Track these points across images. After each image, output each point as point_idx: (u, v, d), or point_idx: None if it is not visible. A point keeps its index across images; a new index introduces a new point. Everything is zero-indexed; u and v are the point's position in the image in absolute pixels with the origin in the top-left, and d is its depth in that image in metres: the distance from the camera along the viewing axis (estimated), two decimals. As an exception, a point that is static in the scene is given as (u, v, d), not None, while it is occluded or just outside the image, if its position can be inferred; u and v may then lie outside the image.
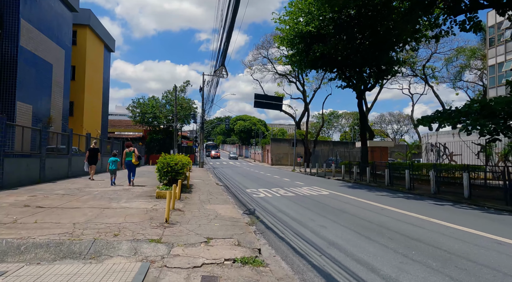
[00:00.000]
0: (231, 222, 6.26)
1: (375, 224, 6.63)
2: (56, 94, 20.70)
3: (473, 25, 14.46)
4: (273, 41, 37.92)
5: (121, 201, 7.99)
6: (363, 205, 9.28)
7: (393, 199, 10.99)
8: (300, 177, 21.59)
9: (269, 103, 30.82)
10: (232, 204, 8.75)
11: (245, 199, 10.38)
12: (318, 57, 20.85)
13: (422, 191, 13.42)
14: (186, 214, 6.87)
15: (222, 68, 7.65)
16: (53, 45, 20.13)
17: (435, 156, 27.82)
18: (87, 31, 26.06)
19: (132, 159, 11.42)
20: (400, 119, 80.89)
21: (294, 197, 10.94)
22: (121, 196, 8.96)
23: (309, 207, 8.67)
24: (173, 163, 10.02)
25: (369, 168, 18.01)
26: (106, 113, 32.02)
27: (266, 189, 13.43)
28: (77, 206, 7.06)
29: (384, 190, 14.19)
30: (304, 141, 39.20)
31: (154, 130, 42.80)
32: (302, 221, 6.86)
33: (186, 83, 45.10)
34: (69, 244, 4.27)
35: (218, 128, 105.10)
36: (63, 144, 14.72)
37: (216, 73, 7.84)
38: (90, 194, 8.96)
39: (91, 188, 10.37)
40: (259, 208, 8.74)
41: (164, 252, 4.24)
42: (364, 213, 7.84)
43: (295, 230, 6.15)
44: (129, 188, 10.86)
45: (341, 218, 7.17)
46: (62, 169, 13.50)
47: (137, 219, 6.04)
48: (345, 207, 8.86)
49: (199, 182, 15.21)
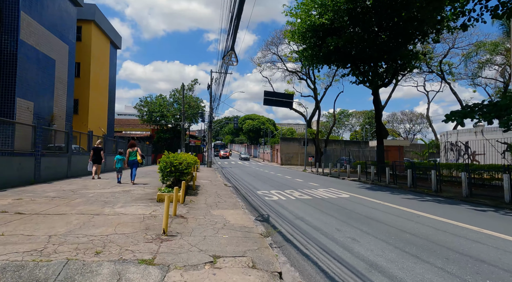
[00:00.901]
0: (242, 233, 5.21)
1: (418, 236, 5.47)
2: (59, 91, 19.98)
3: (506, 11, 13.06)
4: (283, 37, 36.79)
5: (117, 205, 7.01)
6: (393, 210, 8.11)
7: (423, 203, 9.77)
8: (313, 178, 20.42)
9: (279, 101, 29.65)
10: (243, 209, 7.70)
11: (256, 203, 9.31)
12: (332, 51, 19.67)
13: (451, 193, 12.14)
14: (189, 221, 5.84)
15: (231, 54, 6.69)
16: (56, 40, 19.41)
17: (455, 156, 26.29)
18: (92, 27, 25.36)
19: (136, 157, 11.65)
20: (412, 118, 78.71)
21: (311, 200, 9.83)
22: (118, 199, 7.99)
23: (331, 213, 7.55)
24: (177, 162, 9.03)
25: (388, 168, 16.74)
26: (113, 111, 31.36)
27: (278, 190, 12.34)
28: (64, 211, 6.10)
29: (408, 192, 12.95)
30: (315, 140, 37.91)
31: (162, 129, 42.13)
32: (327, 232, 5.75)
33: (194, 82, 44.34)
34: (32, 268, 3.26)
35: (226, 128, 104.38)
36: (66, 142, 13.90)
37: (225, 60, 6.90)
38: (84, 197, 8.01)
39: (87, 190, 9.45)
40: (273, 213, 7.67)
41: (156, 279, 3.21)
42: (399, 221, 6.68)
43: (321, 243, 5.06)
44: (129, 190, 9.91)
45: (373, 228, 6.03)
46: (61, 169, 12.66)
47: (130, 229, 5.03)
48: (373, 213, 7.70)
49: (206, 182, 14.22)
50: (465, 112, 12.00)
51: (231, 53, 6.71)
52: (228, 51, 6.65)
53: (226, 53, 6.83)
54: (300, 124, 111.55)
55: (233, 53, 6.72)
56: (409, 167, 14.64)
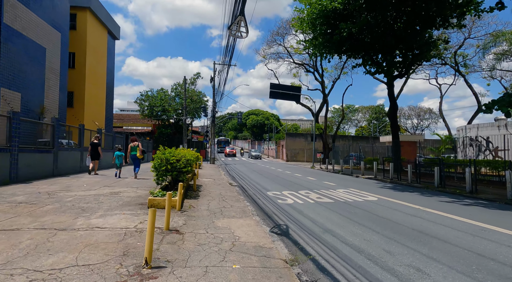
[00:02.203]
0: (259, 258, 3.70)
1: (508, 265, 3.92)
2: (51, 82, 18.52)
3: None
4: (289, 26, 35.02)
5: (95, 214, 5.52)
6: (444, 220, 6.52)
7: (470, 208, 8.19)
8: (325, 175, 18.86)
9: (286, 94, 28.02)
10: (254, 217, 6.19)
11: (268, 208, 7.79)
12: (345, 38, 18.00)
13: (491, 195, 10.54)
14: (186, 240, 4.33)
15: (240, 20, 5.11)
16: (47, 27, 17.89)
17: (475, 151, 24.59)
18: (88, 15, 23.77)
19: (136, 153, 11.83)
20: (420, 113, 76.56)
21: (333, 204, 8.28)
22: (101, 204, 6.50)
23: (366, 223, 6.00)
24: (174, 159, 7.53)
25: (410, 165, 15.14)
26: (111, 105, 29.87)
27: (291, 191, 10.81)
28: (19, 225, 4.61)
29: (439, 193, 11.35)
30: (322, 135, 36.25)
31: (164, 124, 40.68)
32: (374, 256, 4.21)
33: (197, 76, 42.79)
34: None
35: (229, 123, 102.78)
36: (61, 137, 12.44)
37: (232, 30, 5.34)
38: (58, 202, 6.53)
39: (68, 192, 7.98)
40: (292, 223, 6.14)
41: None
42: (464, 239, 5.09)
43: (374, 278, 3.51)
44: (119, 192, 8.43)
45: (436, 250, 4.45)
46: (45, 166, 11.20)
47: (101, 255, 3.53)
48: (420, 224, 6.14)
49: (209, 181, 12.73)
50: (509, 101, 10.37)
51: (240, 20, 5.11)
52: (237, 17, 5.06)
53: (234, 21, 5.22)
54: (304, 120, 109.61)
55: (243, 20, 5.13)
56: (438, 163, 13.02)
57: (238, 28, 5.47)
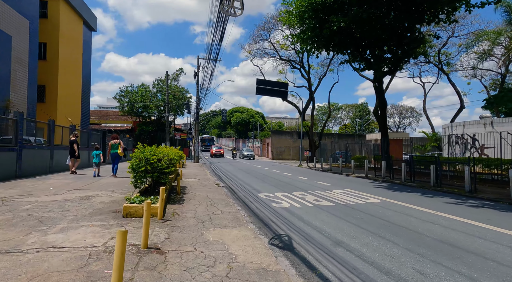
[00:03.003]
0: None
1: None
2: (18, 74, 16.87)
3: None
4: (276, 22, 34.17)
5: (55, 228, 4.46)
6: (468, 228, 5.80)
7: (482, 211, 7.61)
8: (315, 174, 18.18)
9: (273, 90, 27.20)
10: (248, 225, 5.30)
11: (264, 213, 6.91)
12: (335, 32, 17.35)
13: (491, 194, 10.10)
14: (169, 262, 3.38)
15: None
16: (12, 13, 16.24)
17: (462, 149, 24.65)
18: (61, 3, 22.04)
19: (117, 150, 11.64)
20: (402, 111, 77.84)
21: (334, 208, 7.50)
22: (66, 213, 5.42)
23: (381, 234, 5.20)
24: (154, 158, 6.50)
25: (404, 164, 14.66)
26: (88, 100, 28.12)
27: (285, 192, 9.97)
28: None
29: (438, 193, 10.84)
30: (309, 133, 35.76)
31: (145, 122, 38.97)
32: (406, 278, 3.40)
33: (179, 71, 41.30)
34: None
35: (213, 121, 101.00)
36: (14, 132, 11.02)
37: (224, 4, 4.44)
38: (11, 211, 5.39)
39: (28, 197, 6.79)
40: (294, 232, 5.29)
41: None
42: (498, 250, 4.41)
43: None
44: (90, 196, 7.31)
45: (482, 271, 3.70)
46: (6, 167, 9.85)
47: (48, 294, 2.53)
48: (444, 234, 5.39)
49: (194, 182, 11.72)
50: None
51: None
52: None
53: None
54: (288, 118, 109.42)
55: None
56: (434, 162, 12.54)
57: (232, 2, 4.55)
